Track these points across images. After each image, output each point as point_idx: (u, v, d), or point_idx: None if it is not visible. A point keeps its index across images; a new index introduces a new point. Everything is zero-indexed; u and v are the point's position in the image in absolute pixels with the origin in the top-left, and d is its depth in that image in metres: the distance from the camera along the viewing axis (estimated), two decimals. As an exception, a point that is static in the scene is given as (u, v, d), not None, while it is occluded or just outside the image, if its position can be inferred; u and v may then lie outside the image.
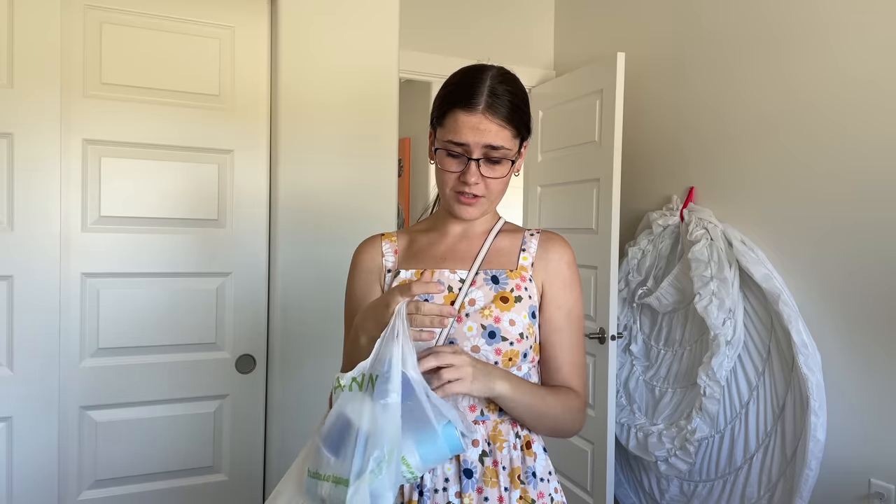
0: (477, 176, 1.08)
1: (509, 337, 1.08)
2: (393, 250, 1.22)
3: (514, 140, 1.10)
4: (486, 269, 1.15)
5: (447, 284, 1.13)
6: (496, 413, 1.11)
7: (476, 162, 1.07)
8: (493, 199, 1.14)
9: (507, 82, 1.10)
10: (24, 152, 1.81)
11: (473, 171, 1.08)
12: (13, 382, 1.82)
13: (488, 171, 1.09)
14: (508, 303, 1.11)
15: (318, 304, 2.11)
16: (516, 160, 1.13)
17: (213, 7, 2.02)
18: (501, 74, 1.12)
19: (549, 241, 1.20)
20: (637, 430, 2.55)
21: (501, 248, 1.19)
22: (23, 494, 1.84)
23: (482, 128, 1.06)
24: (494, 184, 1.11)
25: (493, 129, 1.06)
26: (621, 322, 2.72)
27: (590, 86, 2.70)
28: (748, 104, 2.27)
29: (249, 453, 2.11)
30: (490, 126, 1.06)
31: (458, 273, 1.14)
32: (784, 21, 2.15)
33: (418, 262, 1.18)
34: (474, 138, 1.06)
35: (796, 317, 2.04)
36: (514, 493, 1.08)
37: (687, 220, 2.42)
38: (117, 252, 1.93)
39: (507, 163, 1.10)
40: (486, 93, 1.07)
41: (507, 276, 1.14)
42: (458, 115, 1.07)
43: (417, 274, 1.15)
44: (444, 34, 3.01)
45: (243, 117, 2.07)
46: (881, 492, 1.85)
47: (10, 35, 1.79)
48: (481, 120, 1.06)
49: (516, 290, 1.13)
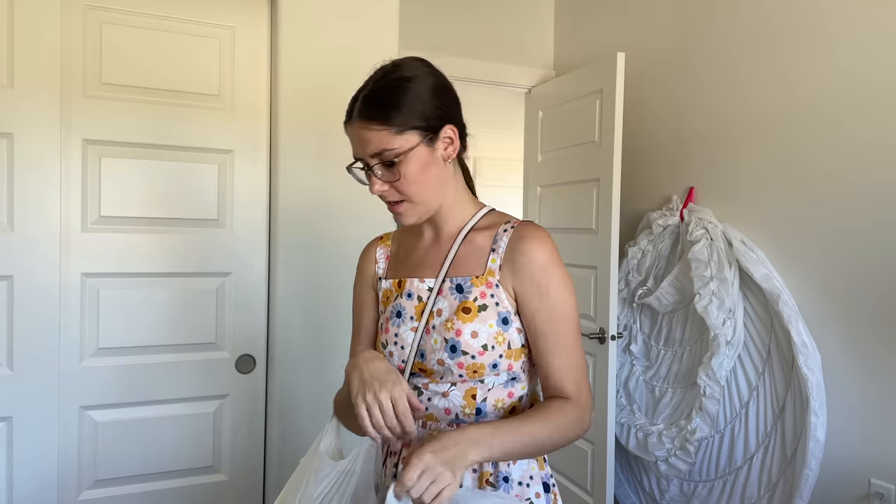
0: (379, 185, 1.05)
1: (469, 350, 1.05)
2: (385, 256, 1.23)
3: (405, 136, 1.02)
4: (453, 275, 1.10)
5: (416, 294, 1.12)
6: (471, 417, 1.09)
7: (371, 170, 1.05)
8: (420, 199, 1.07)
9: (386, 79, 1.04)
10: (24, 152, 1.81)
11: (373, 181, 1.05)
12: (13, 382, 1.82)
13: (388, 175, 1.04)
14: (470, 313, 1.06)
15: (318, 304, 2.11)
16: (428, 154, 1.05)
17: (213, 7, 2.02)
18: (387, 72, 1.06)
19: (518, 241, 1.08)
20: (637, 430, 2.55)
21: (472, 249, 1.11)
22: (23, 494, 1.84)
23: (362, 137, 1.03)
24: (404, 185, 1.04)
25: (372, 136, 1.02)
26: (621, 322, 2.72)
27: (590, 86, 2.70)
28: (748, 104, 2.27)
29: (249, 453, 2.11)
30: (366, 133, 1.02)
31: (427, 282, 1.12)
32: (784, 20, 2.15)
33: (398, 271, 1.18)
34: (360, 150, 1.05)
35: (796, 317, 2.04)
36: None
37: (687, 220, 2.42)
38: (117, 252, 1.93)
39: (411, 161, 1.03)
40: (360, 100, 1.03)
41: (472, 284, 1.08)
42: (347, 129, 1.06)
43: (394, 284, 1.16)
44: (444, 34, 3.01)
45: (243, 117, 2.07)
46: (881, 492, 1.85)
47: (10, 35, 1.79)
48: (357, 130, 1.04)
49: (480, 298, 1.07)
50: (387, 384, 0.98)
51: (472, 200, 1.18)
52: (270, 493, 2.11)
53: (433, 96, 1.05)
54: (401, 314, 1.13)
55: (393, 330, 1.13)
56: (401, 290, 1.15)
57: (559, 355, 1.07)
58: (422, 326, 1.09)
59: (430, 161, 1.06)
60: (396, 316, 1.13)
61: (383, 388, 0.97)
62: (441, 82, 1.09)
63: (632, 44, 2.78)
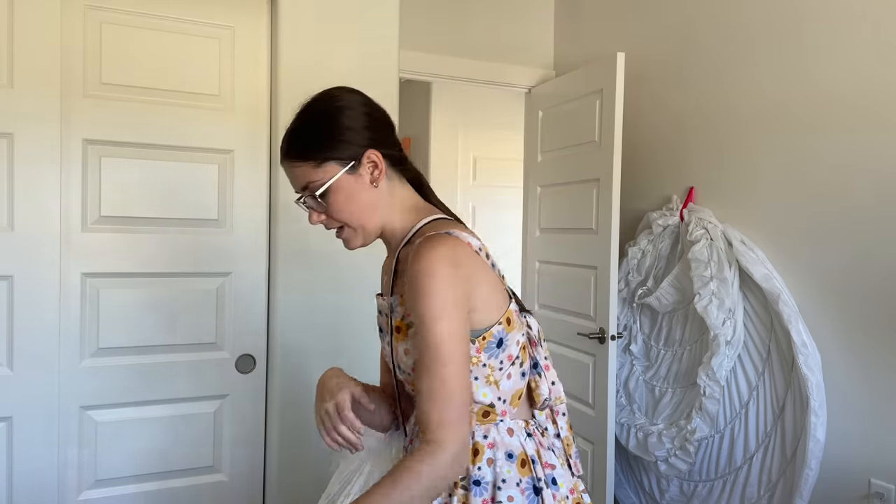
0: (315, 216, 1.10)
1: (405, 368, 1.08)
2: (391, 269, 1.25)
3: (324, 168, 1.06)
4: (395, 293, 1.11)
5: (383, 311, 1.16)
6: None
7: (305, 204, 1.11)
8: (356, 223, 1.10)
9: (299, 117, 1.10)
10: (24, 152, 1.81)
11: (310, 213, 1.11)
12: (13, 382, 1.82)
13: (319, 206, 1.09)
14: (401, 332, 1.08)
15: (318, 304, 2.11)
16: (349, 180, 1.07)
17: (213, 7, 2.02)
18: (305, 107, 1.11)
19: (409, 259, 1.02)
20: (637, 430, 2.55)
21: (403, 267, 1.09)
22: (23, 494, 1.84)
23: (289, 174, 1.10)
24: (335, 213, 1.09)
25: (296, 171, 1.08)
26: (621, 322, 2.72)
27: (590, 86, 2.70)
28: (748, 104, 2.27)
29: (249, 453, 2.11)
30: (292, 170, 1.09)
31: (388, 298, 1.15)
32: (784, 20, 2.15)
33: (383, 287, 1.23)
34: (293, 185, 1.11)
35: (796, 317, 2.04)
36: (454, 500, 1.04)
37: (687, 220, 2.42)
38: (117, 252, 1.93)
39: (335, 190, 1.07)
40: (284, 141, 1.10)
41: (398, 304, 1.09)
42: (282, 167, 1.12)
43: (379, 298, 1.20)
44: (444, 34, 3.01)
45: (243, 117, 2.07)
46: (881, 492, 1.85)
47: (10, 35, 1.79)
48: (286, 167, 1.10)
49: (407, 317, 1.06)
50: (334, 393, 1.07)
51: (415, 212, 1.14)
52: (270, 493, 2.11)
53: (354, 125, 1.08)
54: (381, 329, 1.20)
55: (382, 343, 1.21)
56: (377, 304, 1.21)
57: (419, 382, 0.98)
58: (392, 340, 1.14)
59: (356, 187, 1.08)
60: (380, 330, 1.21)
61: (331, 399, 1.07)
62: (365, 111, 1.11)
63: (632, 44, 2.78)
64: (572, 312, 2.81)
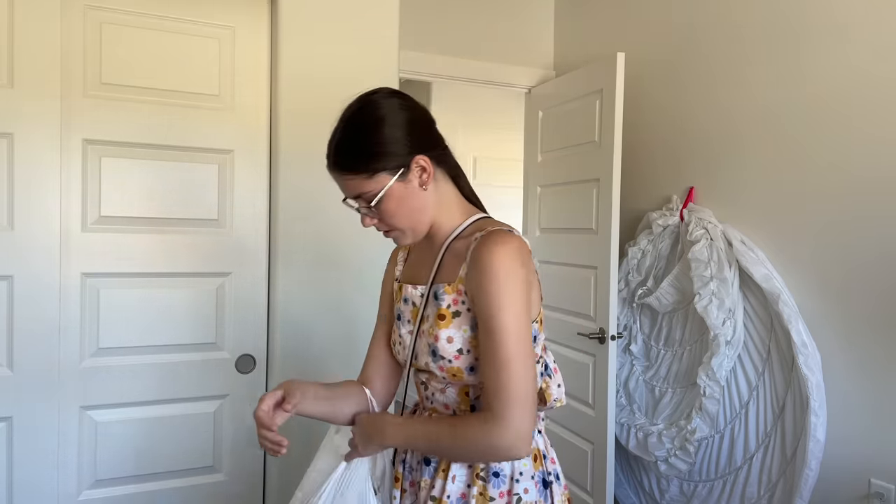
0: (369, 220, 1.15)
1: (446, 355, 1.10)
2: (403, 259, 1.30)
3: (376, 178, 1.09)
4: (438, 282, 1.16)
5: (412, 300, 1.19)
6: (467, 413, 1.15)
7: (359, 210, 1.15)
8: (406, 226, 1.15)
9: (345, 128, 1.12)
10: (24, 152, 1.81)
11: (363, 217, 1.15)
12: (13, 382, 1.82)
13: (372, 212, 1.13)
14: (445, 320, 1.11)
15: (318, 304, 2.11)
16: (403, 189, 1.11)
17: (213, 7, 2.02)
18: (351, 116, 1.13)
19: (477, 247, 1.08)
20: (637, 430, 2.55)
21: (451, 258, 1.15)
22: (23, 494, 1.84)
23: (340, 184, 1.14)
24: (387, 219, 1.13)
25: (347, 183, 1.12)
26: (621, 322, 2.72)
27: (590, 86, 2.70)
28: (748, 104, 2.27)
29: (249, 453, 2.11)
30: (342, 181, 1.13)
31: (420, 288, 1.19)
32: (786, 19, 2.15)
33: (404, 275, 1.27)
34: (345, 193, 1.15)
35: (796, 317, 2.04)
36: (474, 489, 1.11)
37: (687, 220, 2.42)
38: (117, 252, 1.93)
39: (387, 198, 1.10)
40: (331, 152, 1.13)
41: (445, 292, 1.12)
42: None
43: (398, 288, 1.25)
44: (444, 34, 3.01)
45: (243, 117, 2.07)
46: (881, 492, 1.85)
47: (10, 35, 1.79)
48: (336, 177, 1.14)
49: (453, 305, 1.11)
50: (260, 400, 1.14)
51: (464, 210, 1.21)
52: (270, 493, 2.11)
53: (399, 134, 1.10)
54: (400, 317, 1.22)
55: (397, 331, 1.22)
56: (401, 294, 1.22)
57: (488, 367, 1.04)
58: (416, 330, 1.17)
59: (406, 193, 1.12)
60: (398, 318, 1.22)
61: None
62: (407, 117, 1.12)
63: (632, 44, 2.78)
64: (572, 312, 2.81)
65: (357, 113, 1.12)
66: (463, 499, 1.11)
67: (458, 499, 1.11)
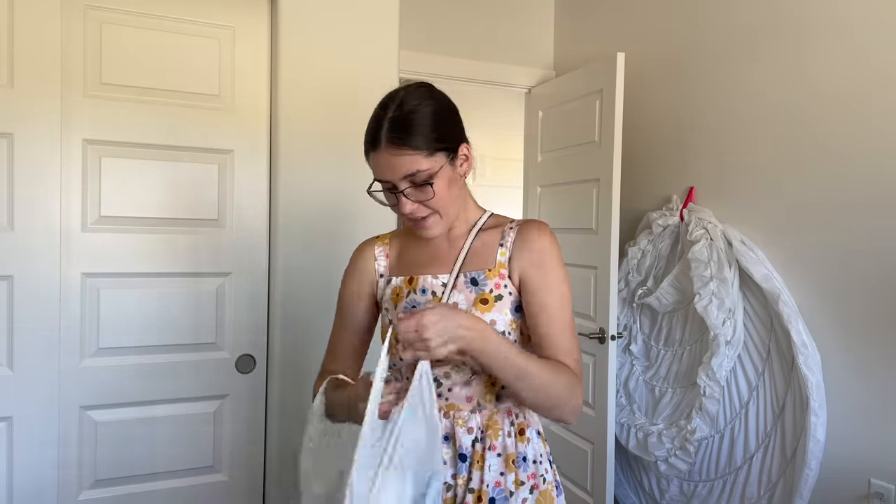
0: (410, 204, 1.12)
1: None
2: (384, 254, 1.30)
3: (434, 157, 1.11)
4: (466, 270, 1.18)
5: (431, 290, 1.19)
6: (492, 403, 1.18)
7: (403, 192, 1.11)
8: (447, 212, 1.16)
9: (408, 105, 1.11)
10: (24, 152, 1.81)
11: (404, 202, 1.12)
12: (13, 382, 1.82)
13: (420, 194, 1.12)
14: (488, 304, 1.15)
15: (318, 304, 2.11)
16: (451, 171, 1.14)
17: (213, 7, 2.02)
18: (404, 98, 1.12)
19: (525, 231, 1.19)
20: (637, 430, 2.55)
21: (481, 246, 1.21)
22: (23, 494, 1.84)
23: (393, 163, 1.10)
24: (435, 202, 1.12)
25: (405, 161, 1.09)
26: (621, 322, 2.72)
27: (590, 86, 2.70)
28: (748, 104, 2.27)
29: (249, 453, 2.11)
30: (398, 160, 1.09)
31: (441, 277, 1.19)
32: (786, 20, 2.15)
33: (406, 269, 1.25)
34: (391, 174, 1.11)
35: (796, 317, 2.04)
36: (510, 477, 1.15)
37: (687, 220, 2.42)
38: (117, 252, 1.93)
39: (440, 179, 1.11)
40: (386, 127, 1.10)
41: (486, 277, 1.17)
42: (371, 156, 1.13)
43: (405, 281, 1.22)
44: (444, 35, 3.01)
45: (243, 117, 2.07)
46: (881, 492, 1.85)
47: (10, 35, 1.79)
48: (388, 157, 1.10)
49: (495, 289, 1.16)
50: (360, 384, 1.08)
51: (477, 206, 1.28)
52: (270, 493, 2.11)
53: (448, 119, 1.15)
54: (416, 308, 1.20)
55: None
56: (412, 286, 1.21)
57: (555, 329, 1.15)
58: None
59: (453, 178, 1.15)
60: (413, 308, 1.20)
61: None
62: (451, 105, 1.18)
63: (632, 44, 2.78)
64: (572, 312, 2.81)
65: (416, 93, 1.14)
66: (498, 486, 1.14)
67: (493, 487, 1.14)
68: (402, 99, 1.13)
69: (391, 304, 1.23)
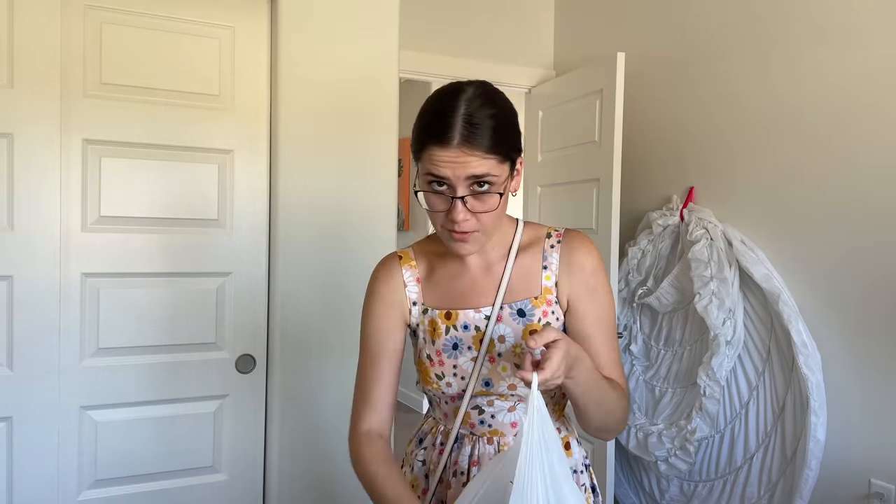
0: (465, 213, 0.98)
1: None
2: (415, 278, 1.16)
3: (502, 165, 0.99)
4: (511, 301, 1.09)
5: (473, 325, 1.09)
6: None
7: (462, 199, 0.98)
8: (493, 229, 1.05)
9: (486, 104, 0.99)
10: (24, 152, 1.81)
11: (460, 209, 0.98)
12: (13, 382, 1.82)
13: (477, 204, 0.99)
14: None
15: (318, 304, 2.11)
16: (508, 185, 1.03)
17: (213, 7, 2.02)
18: (479, 95, 0.99)
19: (571, 250, 1.11)
20: (637, 430, 2.55)
21: (523, 271, 1.11)
22: (23, 494, 1.84)
23: (461, 161, 0.96)
24: (488, 216, 1.00)
25: (475, 161, 0.96)
26: (621, 322, 2.72)
27: (590, 86, 2.70)
28: (749, 104, 2.27)
29: (249, 453, 2.11)
30: (470, 158, 0.96)
31: (483, 311, 1.10)
32: (785, 20, 2.15)
33: (443, 301, 1.13)
34: (454, 173, 0.96)
35: (796, 317, 2.04)
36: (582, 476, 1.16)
37: (687, 220, 2.42)
38: (117, 252, 1.93)
39: (497, 192, 1.00)
40: (460, 123, 0.96)
41: (533, 306, 1.09)
42: (434, 150, 0.97)
43: (442, 316, 1.11)
44: (444, 34, 3.01)
45: (243, 117, 2.06)
46: (881, 492, 1.85)
47: (10, 35, 1.79)
48: (458, 154, 0.96)
49: (543, 317, 1.09)
50: None
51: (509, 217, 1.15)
52: (270, 493, 2.11)
53: (517, 127, 1.05)
54: (457, 346, 1.10)
55: (450, 362, 1.10)
56: (450, 321, 1.11)
57: (606, 352, 1.11)
58: (482, 356, 1.08)
59: (507, 192, 1.03)
60: (453, 348, 1.10)
61: None
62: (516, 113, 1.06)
63: (632, 44, 2.78)
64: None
65: (490, 94, 1.01)
66: None
67: None
68: (477, 91, 1.00)
69: (427, 338, 1.13)
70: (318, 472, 2.13)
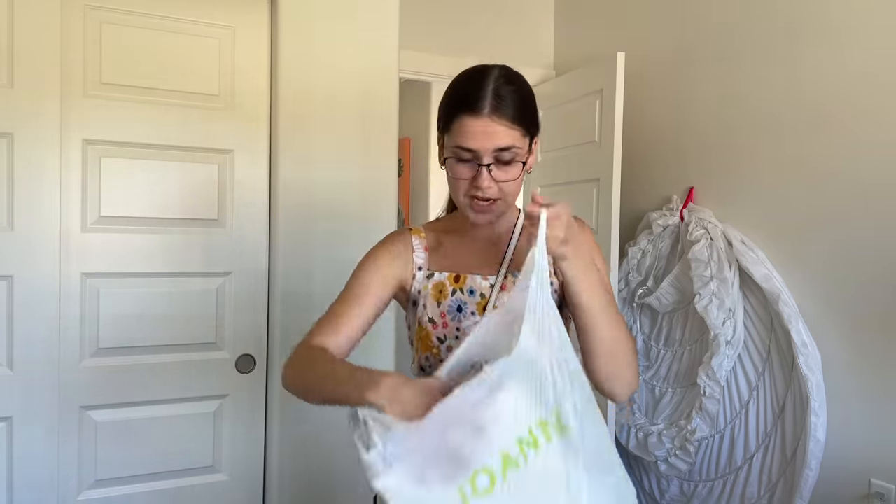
0: (489, 180, 1.07)
1: None
2: (423, 246, 1.22)
3: (524, 139, 1.10)
4: (514, 270, 1.16)
5: (479, 291, 1.16)
6: None
7: (487, 167, 1.07)
8: (509, 201, 1.14)
9: (512, 82, 1.10)
10: (24, 152, 1.81)
11: (485, 176, 1.07)
12: (13, 382, 1.82)
13: (500, 173, 1.09)
14: None
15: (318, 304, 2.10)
16: (528, 159, 1.12)
17: (213, 7, 2.02)
18: (505, 75, 1.11)
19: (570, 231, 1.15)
20: (637, 430, 2.55)
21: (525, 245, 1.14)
22: (23, 494, 1.84)
23: (490, 131, 1.05)
24: (508, 186, 1.10)
25: (502, 131, 1.06)
26: (621, 322, 2.71)
27: (590, 86, 2.70)
28: (749, 104, 2.27)
29: (249, 453, 2.11)
30: (498, 128, 1.05)
31: (489, 279, 1.17)
32: (785, 20, 2.15)
33: (452, 266, 1.19)
34: (483, 143, 1.06)
35: (796, 317, 2.04)
36: None
37: (687, 220, 2.42)
38: (117, 252, 1.93)
39: (519, 163, 1.10)
40: (490, 95, 1.06)
41: None
42: (465, 119, 1.06)
43: (450, 279, 1.18)
44: (444, 34, 3.01)
45: (243, 117, 2.07)
46: (881, 492, 1.85)
47: (10, 35, 1.79)
48: (488, 123, 1.05)
49: None
50: None
51: None
52: (270, 493, 2.11)
53: (535, 105, 1.14)
54: (461, 309, 1.16)
55: (454, 325, 1.16)
56: (458, 284, 1.17)
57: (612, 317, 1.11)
58: None
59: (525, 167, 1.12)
60: (457, 311, 1.17)
61: None
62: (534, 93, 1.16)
63: (632, 44, 2.78)
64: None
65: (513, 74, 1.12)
66: None
67: None
68: (503, 71, 1.11)
69: (431, 301, 1.17)
70: (317, 472, 2.13)
